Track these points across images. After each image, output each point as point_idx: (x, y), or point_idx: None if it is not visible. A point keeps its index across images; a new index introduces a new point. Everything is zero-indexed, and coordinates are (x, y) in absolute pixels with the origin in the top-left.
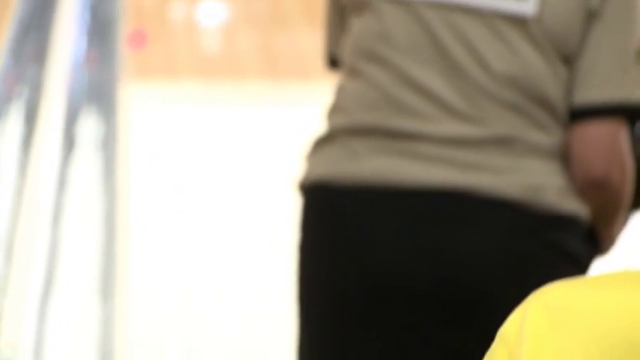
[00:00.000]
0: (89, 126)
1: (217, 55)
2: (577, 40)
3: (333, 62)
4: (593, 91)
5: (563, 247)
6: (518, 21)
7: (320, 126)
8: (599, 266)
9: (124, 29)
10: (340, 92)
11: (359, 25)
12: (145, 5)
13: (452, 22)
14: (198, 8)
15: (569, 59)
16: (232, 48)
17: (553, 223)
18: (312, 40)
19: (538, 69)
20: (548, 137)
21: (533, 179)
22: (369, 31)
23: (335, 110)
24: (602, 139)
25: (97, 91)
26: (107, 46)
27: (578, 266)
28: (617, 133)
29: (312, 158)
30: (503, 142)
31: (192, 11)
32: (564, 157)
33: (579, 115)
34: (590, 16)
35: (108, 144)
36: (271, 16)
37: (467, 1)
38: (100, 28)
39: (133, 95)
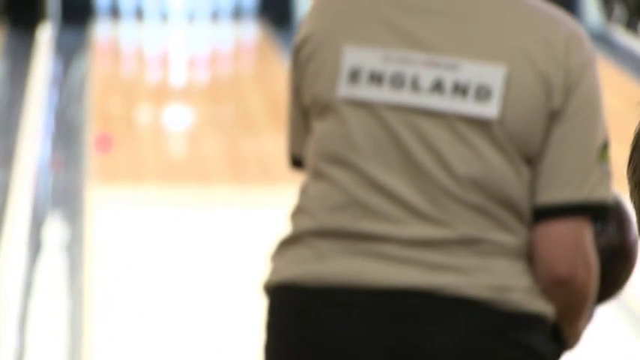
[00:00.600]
0: (55, 229)
1: (183, 159)
2: (539, 141)
3: (296, 162)
4: (555, 191)
5: (529, 347)
6: (480, 123)
7: (285, 228)
8: None
9: (90, 133)
10: (304, 194)
11: (322, 128)
12: (110, 109)
13: (414, 124)
14: (164, 113)
15: (531, 159)
16: (198, 152)
17: (518, 322)
18: (278, 144)
19: (501, 171)
20: (513, 237)
21: (499, 279)
22: (332, 134)
23: (299, 212)
24: (565, 239)
25: (62, 194)
26: (73, 150)
27: None
28: (581, 231)
29: (277, 259)
30: (468, 243)
31: (159, 115)
32: (529, 256)
33: (542, 215)
34: (552, 116)
35: (73, 247)
36: (237, 120)
37: (429, 104)
38: (66, 132)
39: (99, 199)
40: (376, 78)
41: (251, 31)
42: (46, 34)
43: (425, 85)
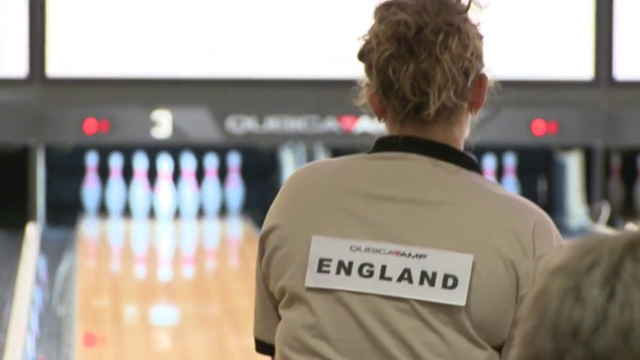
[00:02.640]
0: None
1: (169, 356)
2: (507, 327)
3: (262, 347)
4: None
5: None
6: (447, 311)
7: None
8: None
9: (77, 330)
10: None
11: (290, 317)
12: (97, 306)
13: (381, 313)
14: (150, 309)
15: (501, 344)
16: (183, 348)
17: None
18: None
19: (469, 357)
20: None
21: None
22: (300, 323)
23: None
24: None
25: None
26: (60, 347)
27: None
28: None
29: None
30: None
31: (145, 312)
32: None
33: None
34: (521, 302)
35: None
36: (222, 317)
37: (397, 293)
38: (54, 329)
39: None
40: (345, 268)
41: (236, 229)
42: (33, 233)
43: (393, 274)
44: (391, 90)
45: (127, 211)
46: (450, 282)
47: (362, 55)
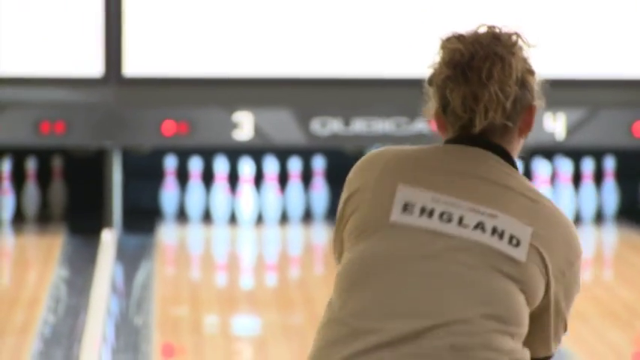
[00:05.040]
0: None
1: None
2: (539, 297)
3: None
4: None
5: None
6: (508, 261)
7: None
8: None
9: (155, 340)
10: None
11: (359, 249)
12: (176, 315)
13: (452, 250)
14: (232, 319)
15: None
16: (267, 359)
17: None
18: None
19: (517, 303)
20: (515, 343)
21: None
22: (370, 252)
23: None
24: None
25: None
26: (137, 357)
27: None
28: None
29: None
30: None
31: (226, 322)
32: None
33: None
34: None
35: None
36: (306, 326)
37: (469, 236)
38: (131, 340)
39: None
40: (427, 212)
41: (321, 235)
42: (109, 239)
43: (469, 223)
44: (447, 107)
45: (207, 217)
46: (514, 241)
47: (430, 81)
